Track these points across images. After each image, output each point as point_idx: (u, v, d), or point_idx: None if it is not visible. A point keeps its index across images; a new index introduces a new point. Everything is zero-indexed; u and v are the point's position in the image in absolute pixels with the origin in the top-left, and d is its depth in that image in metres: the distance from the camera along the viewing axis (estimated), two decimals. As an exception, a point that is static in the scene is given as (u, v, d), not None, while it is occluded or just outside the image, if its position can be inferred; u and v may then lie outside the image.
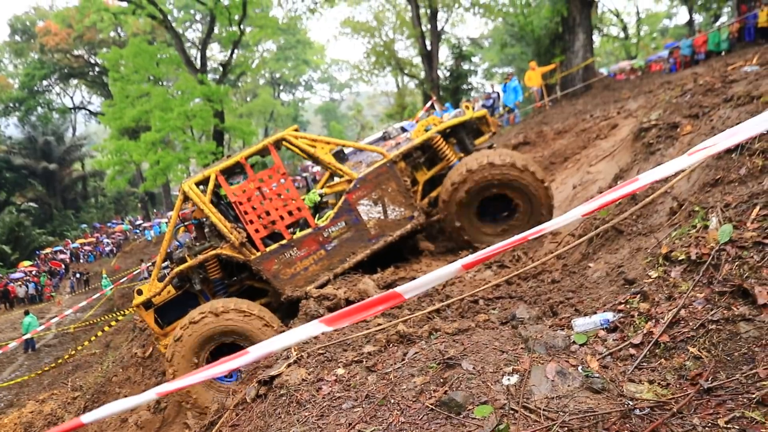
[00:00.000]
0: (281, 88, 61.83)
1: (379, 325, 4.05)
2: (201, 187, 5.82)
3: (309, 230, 5.75)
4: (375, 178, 5.93)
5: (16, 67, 53.49)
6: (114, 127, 26.71)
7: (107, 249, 40.61)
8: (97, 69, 47.54)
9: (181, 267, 5.72)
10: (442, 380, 3.05)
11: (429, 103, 19.32)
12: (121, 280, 22.62)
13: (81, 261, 39.58)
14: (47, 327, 18.02)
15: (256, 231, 5.63)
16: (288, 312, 5.52)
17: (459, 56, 28.80)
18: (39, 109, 50.43)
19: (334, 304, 4.74)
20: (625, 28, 40.50)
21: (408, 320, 4.12)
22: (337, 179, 7.09)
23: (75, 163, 55.16)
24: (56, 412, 8.38)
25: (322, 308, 4.68)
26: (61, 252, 40.01)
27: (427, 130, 6.65)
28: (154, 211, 55.98)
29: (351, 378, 3.41)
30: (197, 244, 5.92)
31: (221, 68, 32.44)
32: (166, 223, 40.39)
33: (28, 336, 17.36)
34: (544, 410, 2.51)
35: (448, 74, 28.69)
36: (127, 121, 25.65)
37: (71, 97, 55.79)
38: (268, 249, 5.70)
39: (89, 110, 55.31)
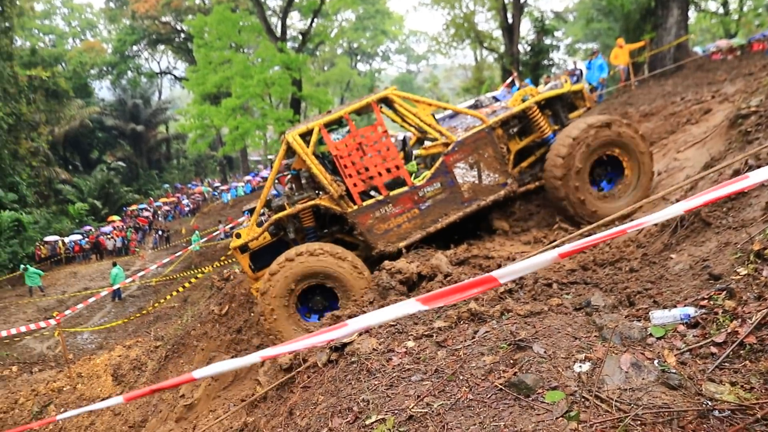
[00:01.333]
0: (358, 58, 62.01)
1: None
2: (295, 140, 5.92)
3: (405, 188, 5.81)
4: (473, 143, 5.93)
5: (109, 32, 56.45)
6: (197, 93, 27.71)
7: (186, 209, 42.51)
8: (182, 35, 49.33)
9: (280, 214, 5.86)
10: (512, 361, 3.07)
11: (509, 79, 18.81)
12: (201, 240, 23.74)
13: (161, 219, 41.69)
14: (133, 280, 19.23)
15: (354, 185, 5.72)
16: (374, 268, 5.62)
17: (541, 30, 27.82)
18: (129, 73, 53.22)
19: (406, 277, 4.81)
20: (725, 3, 37.69)
21: (479, 299, 4.14)
22: (428, 143, 7.11)
23: (160, 125, 57.87)
24: (140, 358, 9.01)
25: (394, 281, 4.77)
26: (146, 209, 42.28)
27: (524, 100, 6.59)
28: (231, 174, 58.08)
29: (421, 351, 3.49)
30: (296, 194, 6.05)
31: (300, 37, 32.89)
32: (242, 186, 41.85)
33: (117, 287, 18.63)
34: (616, 401, 2.48)
35: (528, 49, 27.83)
36: (209, 87, 26.55)
37: (158, 63, 58.43)
38: (364, 203, 5.79)
39: (174, 75, 57.77)
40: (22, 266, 24.88)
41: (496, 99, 7.72)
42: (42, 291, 23.79)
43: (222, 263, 16.64)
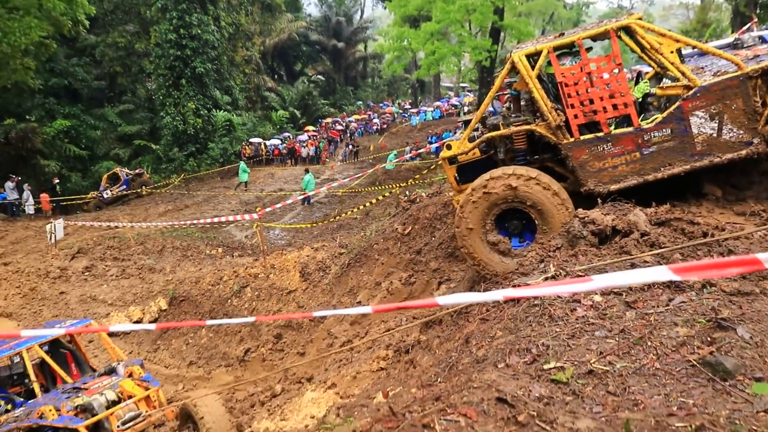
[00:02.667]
0: (566, -12, 57.52)
1: (647, 263, 3.90)
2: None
3: (629, 129, 5.46)
4: (720, 91, 5.26)
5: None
6: (398, 14, 27.99)
7: (375, 127, 44.27)
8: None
9: (494, 133, 5.75)
10: (709, 339, 2.89)
11: (747, 26, 16.17)
12: (395, 160, 24.73)
13: (351, 135, 44.00)
14: (327, 188, 20.82)
15: (575, 117, 5.44)
16: (579, 205, 5.43)
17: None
18: (335, -10, 55.37)
19: (599, 229, 4.62)
20: None
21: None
22: (667, 82, 6.45)
23: (359, 44, 59.92)
24: (325, 261, 9.92)
25: (586, 230, 4.62)
26: (338, 123, 44.85)
27: None
28: (422, 98, 58.94)
29: (608, 308, 3.41)
30: (512, 115, 5.92)
31: (509, -39, 31.21)
32: (431, 111, 42.35)
33: (310, 193, 20.39)
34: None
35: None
36: (410, 9, 26.64)
37: (363, -19, 59.76)
38: (582, 137, 5.50)
39: (378, -5, 58.73)
40: (242, 162, 28.03)
41: (763, 40, 6.56)
42: (245, 187, 26.79)
43: (407, 184, 17.28)
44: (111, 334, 10.09)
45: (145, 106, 35.03)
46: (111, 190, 25.77)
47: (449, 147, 6.11)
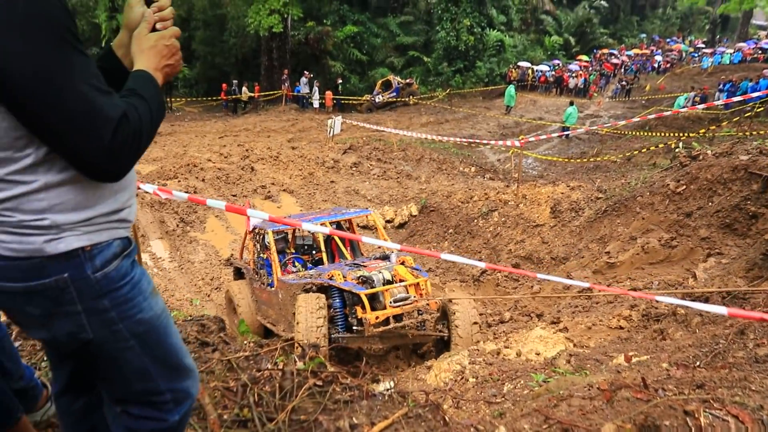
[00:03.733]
0: None
1: None
2: None
3: None
4: None
5: None
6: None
7: (656, 65, 39.64)
8: None
9: None
10: None
11: None
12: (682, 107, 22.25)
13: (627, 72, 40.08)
14: (585, 130, 19.67)
15: None
16: None
17: None
18: None
19: None
20: None
21: None
22: None
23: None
24: (580, 202, 9.52)
25: None
26: (615, 56, 41.18)
27: None
28: (721, 37, 50.59)
29: None
30: None
31: None
32: (730, 54, 36.27)
33: (570, 128, 19.50)
34: None
35: None
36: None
37: None
38: None
39: None
40: (512, 86, 27.80)
41: None
42: (507, 111, 26.58)
43: (684, 136, 15.43)
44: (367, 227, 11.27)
45: (423, 19, 36.19)
46: (383, 96, 27.77)
47: None
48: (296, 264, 7.46)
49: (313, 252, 7.86)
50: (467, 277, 9.56)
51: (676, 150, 10.32)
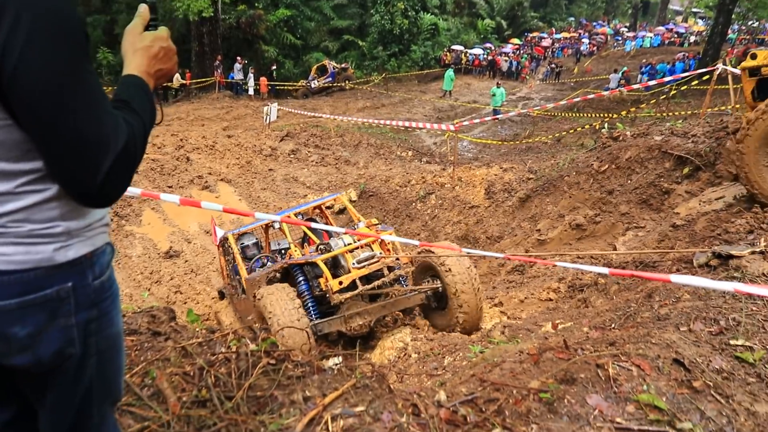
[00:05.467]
0: None
1: None
2: None
3: None
4: None
5: None
6: None
7: (583, 48, 41.20)
8: None
9: None
10: None
11: None
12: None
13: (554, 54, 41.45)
14: (517, 113, 20.31)
15: None
16: None
17: None
18: None
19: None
20: None
21: None
22: None
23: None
24: (512, 183, 9.98)
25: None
26: (544, 39, 42.45)
27: None
28: (642, 22, 53.00)
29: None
30: None
31: None
32: (651, 37, 38.14)
33: (498, 112, 20.09)
34: None
35: None
36: None
37: None
38: None
39: None
40: (450, 69, 28.17)
41: None
42: (449, 95, 26.97)
43: (609, 117, 16.27)
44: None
45: (358, 2, 36.15)
46: (318, 81, 27.67)
47: (754, 56, 5.55)
48: (268, 264, 7.02)
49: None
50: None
51: (601, 131, 10.95)
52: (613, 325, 3.47)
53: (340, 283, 5.36)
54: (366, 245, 5.75)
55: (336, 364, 3.01)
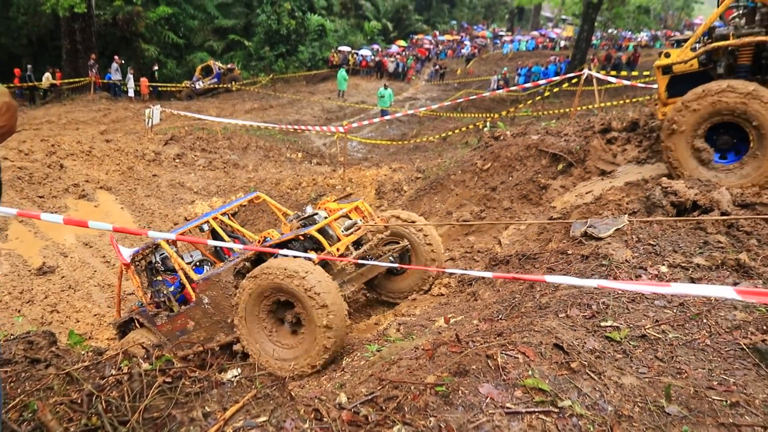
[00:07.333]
0: None
1: (720, 243, 4.00)
2: None
3: None
4: None
5: None
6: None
7: (465, 50, 43.03)
8: None
9: (721, 43, 5.59)
10: (765, 328, 3.05)
11: None
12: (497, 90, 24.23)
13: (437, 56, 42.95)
14: (403, 113, 20.83)
15: None
16: None
17: None
18: None
19: (680, 201, 4.68)
20: None
21: (752, 251, 3.96)
22: None
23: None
24: (401, 183, 10.27)
25: (666, 200, 4.68)
26: (428, 42, 43.83)
27: None
28: (518, 26, 56.35)
29: (672, 281, 3.59)
30: (744, 27, 5.75)
31: None
32: (526, 41, 40.62)
33: (386, 112, 20.50)
34: None
35: None
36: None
37: None
38: None
39: None
40: (342, 70, 28.11)
41: None
42: (340, 95, 27.01)
43: (491, 117, 17.12)
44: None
45: (243, 1, 35.33)
46: (203, 82, 26.74)
47: (668, 55, 5.95)
48: (205, 268, 6.61)
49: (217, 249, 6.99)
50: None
51: (484, 129, 11.54)
52: (500, 317, 3.71)
53: (338, 249, 5.38)
54: (344, 216, 5.87)
55: (235, 376, 2.98)
